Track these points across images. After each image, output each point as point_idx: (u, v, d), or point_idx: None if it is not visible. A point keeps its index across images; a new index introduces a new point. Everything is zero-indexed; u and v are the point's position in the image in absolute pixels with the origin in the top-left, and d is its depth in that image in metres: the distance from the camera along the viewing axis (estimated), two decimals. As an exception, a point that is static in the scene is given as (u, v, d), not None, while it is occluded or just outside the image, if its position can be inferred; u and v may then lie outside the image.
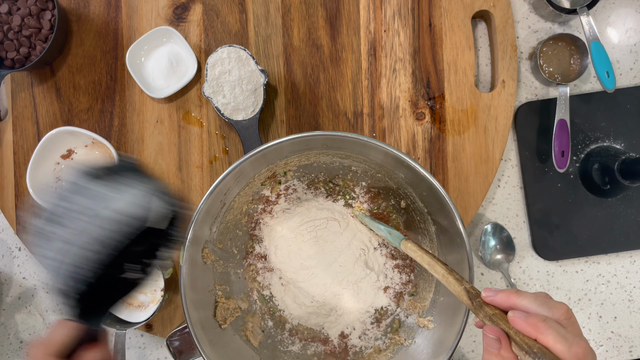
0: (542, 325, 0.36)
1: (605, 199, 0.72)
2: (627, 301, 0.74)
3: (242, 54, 0.66)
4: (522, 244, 0.74)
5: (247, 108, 0.67)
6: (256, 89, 0.66)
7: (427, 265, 0.51)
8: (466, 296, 0.44)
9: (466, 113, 0.71)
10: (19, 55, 0.69)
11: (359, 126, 0.72)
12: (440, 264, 0.50)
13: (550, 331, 0.35)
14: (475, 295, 0.43)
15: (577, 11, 0.68)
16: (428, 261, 0.51)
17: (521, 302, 0.39)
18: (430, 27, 0.72)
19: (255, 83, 0.66)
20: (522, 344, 0.36)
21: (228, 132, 0.72)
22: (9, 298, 0.77)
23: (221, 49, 0.66)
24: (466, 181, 0.71)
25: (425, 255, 0.52)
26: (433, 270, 0.50)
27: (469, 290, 0.44)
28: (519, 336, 0.37)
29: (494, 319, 0.39)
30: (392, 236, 0.60)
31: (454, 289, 0.46)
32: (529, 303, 0.39)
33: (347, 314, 0.66)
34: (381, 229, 0.62)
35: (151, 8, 0.73)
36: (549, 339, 0.35)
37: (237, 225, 0.67)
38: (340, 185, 0.68)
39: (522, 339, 0.37)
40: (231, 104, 0.66)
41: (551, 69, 0.71)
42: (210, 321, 0.61)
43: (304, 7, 0.72)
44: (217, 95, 0.66)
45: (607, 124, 0.72)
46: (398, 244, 0.58)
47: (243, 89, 0.65)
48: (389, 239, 0.60)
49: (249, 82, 0.66)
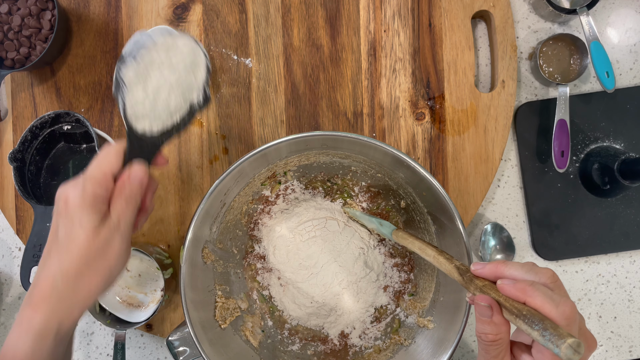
0: (530, 288, 0.38)
1: (605, 199, 0.72)
2: (627, 301, 0.74)
3: (197, 52, 0.49)
4: (522, 244, 0.74)
5: (163, 119, 0.49)
6: (191, 104, 0.50)
7: (418, 250, 0.53)
8: (457, 272, 0.45)
9: (466, 113, 0.71)
10: (19, 55, 0.69)
11: (358, 126, 0.72)
12: (430, 247, 0.51)
13: (538, 293, 0.37)
14: (465, 270, 0.45)
15: (577, 11, 0.68)
16: (419, 246, 0.53)
17: (509, 270, 0.41)
18: (430, 27, 0.72)
19: (192, 95, 0.50)
20: (512, 308, 0.38)
21: (228, 132, 0.72)
22: (9, 298, 0.77)
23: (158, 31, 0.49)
24: (466, 181, 0.71)
25: (416, 241, 0.54)
26: (424, 253, 0.52)
27: (459, 267, 0.46)
28: (508, 302, 0.38)
29: (484, 289, 0.41)
30: (383, 227, 0.61)
31: (445, 267, 0.48)
32: (516, 271, 0.40)
33: (347, 314, 0.66)
34: (372, 221, 0.63)
35: (151, 8, 0.73)
36: (537, 301, 0.37)
37: (237, 225, 0.67)
38: (338, 185, 0.68)
39: (511, 304, 0.38)
40: (147, 105, 0.48)
41: (551, 69, 0.71)
42: (210, 321, 0.61)
43: (304, 7, 0.72)
44: (136, 85, 0.48)
45: (607, 124, 0.72)
46: (390, 235, 0.59)
47: (175, 94, 0.48)
48: (380, 230, 0.61)
49: (187, 89, 0.49)
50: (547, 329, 0.35)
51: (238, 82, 0.72)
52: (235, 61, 0.73)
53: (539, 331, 0.35)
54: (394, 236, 0.58)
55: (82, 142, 0.70)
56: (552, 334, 0.34)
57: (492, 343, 0.40)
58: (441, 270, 0.49)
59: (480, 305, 0.40)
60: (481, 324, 0.40)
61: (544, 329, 0.35)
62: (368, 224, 0.65)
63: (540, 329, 0.35)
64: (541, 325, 0.35)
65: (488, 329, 0.40)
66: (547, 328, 0.35)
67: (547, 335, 0.34)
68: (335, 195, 0.68)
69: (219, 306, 0.63)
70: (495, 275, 0.42)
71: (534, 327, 0.35)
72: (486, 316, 0.40)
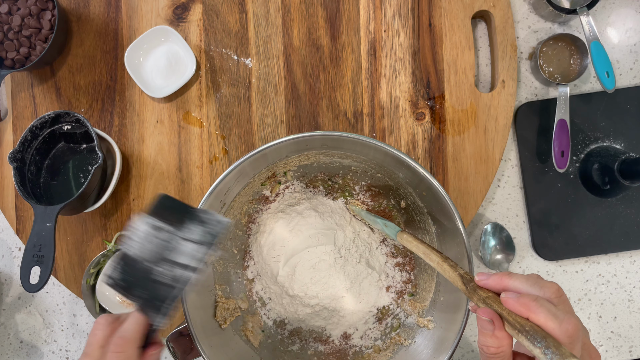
0: (534, 304, 0.37)
1: (605, 199, 0.72)
2: (627, 301, 0.74)
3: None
4: (522, 244, 0.74)
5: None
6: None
7: (422, 255, 0.53)
8: (460, 281, 0.45)
9: (466, 113, 0.71)
10: (19, 55, 0.69)
11: (359, 126, 0.72)
12: (435, 252, 0.51)
13: (542, 309, 0.36)
14: (469, 280, 0.44)
15: (577, 11, 0.68)
16: (424, 250, 0.53)
17: (513, 283, 0.40)
18: (430, 27, 0.72)
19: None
20: (514, 323, 0.37)
21: (228, 132, 0.72)
22: (9, 298, 0.77)
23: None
24: (466, 181, 0.71)
25: (421, 245, 0.54)
26: (428, 258, 0.51)
27: (463, 275, 0.45)
28: (511, 316, 0.38)
29: (487, 301, 0.41)
30: (388, 228, 0.61)
31: (448, 275, 0.47)
32: (521, 284, 0.40)
33: (350, 315, 0.66)
34: (377, 222, 0.63)
35: (151, 8, 0.73)
36: (540, 317, 0.36)
37: (237, 225, 0.67)
38: (339, 184, 0.68)
39: (514, 319, 0.38)
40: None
41: (551, 69, 0.71)
42: (210, 321, 0.61)
43: (304, 7, 0.72)
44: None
45: (607, 124, 0.72)
46: (394, 236, 0.59)
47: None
48: (385, 231, 0.61)
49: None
50: (550, 347, 0.34)
51: (238, 82, 0.72)
52: (235, 61, 0.73)
53: (541, 349, 0.35)
54: (399, 238, 0.58)
55: (82, 142, 0.70)
56: (554, 353, 0.34)
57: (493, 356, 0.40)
58: (444, 276, 0.48)
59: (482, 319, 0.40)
60: (483, 337, 0.40)
61: (546, 347, 0.34)
62: (373, 224, 0.64)
63: (543, 347, 0.35)
64: (544, 343, 0.35)
65: (490, 342, 0.39)
66: (549, 347, 0.34)
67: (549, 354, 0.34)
68: (336, 194, 0.68)
69: (219, 306, 0.63)
70: (499, 287, 0.41)
71: (536, 345, 0.35)
72: (488, 330, 0.39)
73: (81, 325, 0.76)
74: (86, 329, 0.76)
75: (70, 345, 0.77)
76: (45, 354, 0.77)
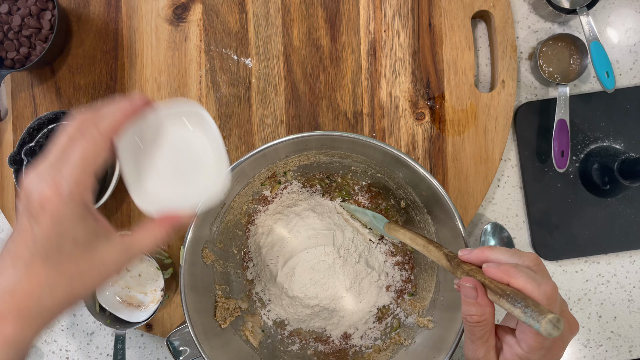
0: (513, 270, 0.40)
1: (605, 199, 0.72)
2: (627, 301, 0.74)
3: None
4: (521, 244, 0.74)
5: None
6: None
7: (409, 241, 0.54)
8: (445, 259, 0.47)
9: (466, 113, 0.71)
10: (19, 55, 0.69)
11: (358, 126, 0.72)
12: (420, 236, 0.53)
13: (521, 274, 0.39)
14: (453, 257, 0.47)
15: (576, 11, 0.68)
16: (410, 236, 0.54)
17: (494, 255, 0.43)
18: (430, 27, 0.72)
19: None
20: (496, 289, 0.40)
21: (228, 132, 0.72)
22: (9, 298, 0.77)
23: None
24: (466, 181, 0.71)
25: (407, 232, 0.55)
26: (414, 243, 0.53)
27: (447, 254, 0.47)
28: (493, 284, 0.40)
29: (470, 273, 0.43)
30: (376, 220, 0.61)
31: (434, 255, 0.49)
32: (501, 255, 0.43)
33: (350, 315, 0.66)
34: (367, 214, 0.63)
35: (151, 8, 0.73)
36: (519, 281, 0.39)
37: (237, 225, 0.67)
38: (338, 182, 0.68)
39: (496, 285, 0.40)
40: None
41: (551, 69, 0.71)
42: (210, 321, 0.61)
43: (304, 7, 0.72)
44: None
45: (606, 124, 0.72)
46: (382, 228, 0.60)
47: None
48: (373, 224, 0.62)
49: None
50: (529, 306, 0.36)
51: (238, 82, 0.72)
52: (235, 61, 0.73)
53: (521, 309, 0.37)
54: (386, 229, 0.59)
55: (82, 142, 0.70)
56: (533, 311, 0.36)
57: (477, 324, 0.42)
58: (431, 258, 0.50)
59: (465, 286, 0.42)
60: (466, 306, 0.42)
61: (525, 306, 0.37)
62: (362, 217, 0.65)
63: (522, 307, 0.37)
64: (523, 303, 0.37)
65: (473, 310, 0.41)
66: (528, 305, 0.36)
67: (529, 312, 0.36)
68: (333, 194, 0.68)
69: (219, 306, 0.63)
70: (481, 260, 0.44)
71: (516, 305, 0.37)
72: (471, 297, 0.41)
73: (81, 325, 0.76)
74: (86, 328, 0.76)
75: (70, 345, 0.77)
76: (46, 353, 0.77)
